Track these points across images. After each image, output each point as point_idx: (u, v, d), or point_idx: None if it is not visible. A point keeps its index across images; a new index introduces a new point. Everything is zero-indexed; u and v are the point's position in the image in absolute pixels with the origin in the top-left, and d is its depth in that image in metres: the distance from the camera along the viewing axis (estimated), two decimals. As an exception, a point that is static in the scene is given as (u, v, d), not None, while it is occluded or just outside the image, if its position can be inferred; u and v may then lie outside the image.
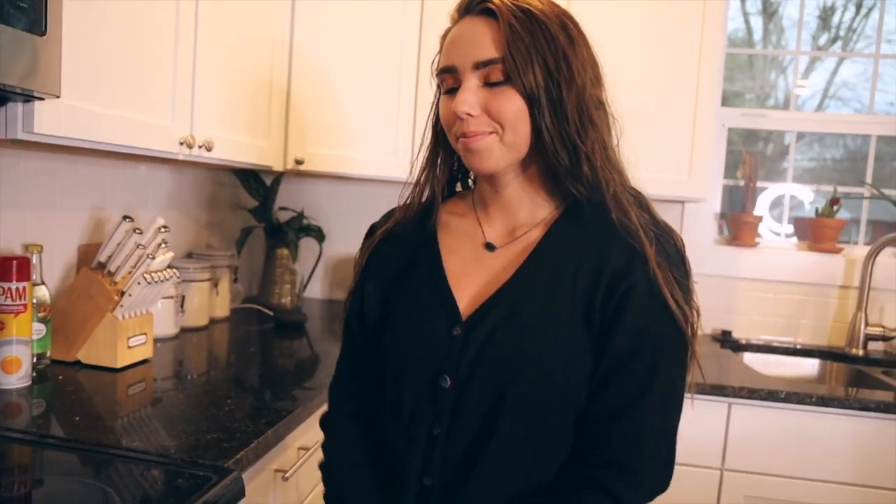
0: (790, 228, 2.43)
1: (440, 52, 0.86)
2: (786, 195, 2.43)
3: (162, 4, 1.31)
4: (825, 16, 2.41)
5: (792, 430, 1.66)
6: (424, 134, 0.95)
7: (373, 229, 1.01)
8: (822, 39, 2.45)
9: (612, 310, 0.79)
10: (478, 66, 0.79)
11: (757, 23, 2.49)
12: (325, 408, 1.03)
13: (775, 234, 2.44)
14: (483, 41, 0.79)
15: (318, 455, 1.35)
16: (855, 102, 2.46)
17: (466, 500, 0.82)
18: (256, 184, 2.22)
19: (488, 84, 0.79)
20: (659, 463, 0.81)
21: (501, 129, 0.80)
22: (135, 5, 1.22)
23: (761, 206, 2.41)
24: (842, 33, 2.45)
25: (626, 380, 0.79)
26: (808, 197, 2.42)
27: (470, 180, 0.98)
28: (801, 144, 2.50)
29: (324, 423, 1.00)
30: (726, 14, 1.98)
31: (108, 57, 1.16)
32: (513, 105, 0.79)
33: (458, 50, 0.81)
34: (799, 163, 2.45)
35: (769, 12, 2.48)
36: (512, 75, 0.78)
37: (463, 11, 0.83)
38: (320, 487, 1.42)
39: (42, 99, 0.99)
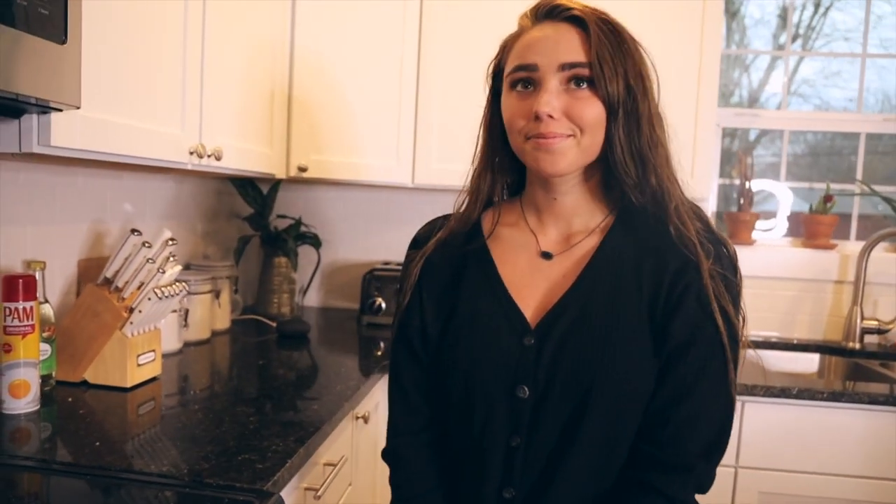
0: (784, 222, 2.47)
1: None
2: (777, 192, 2.46)
3: (170, 13, 1.26)
4: (785, 15, 2.46)
5: (804, 425, 1.68)
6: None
7: (417, 240, 0.99)
8: (782, 38, 2.49)
9: (671, 307, 0.81)
10: (563, 67, 0.79)
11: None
12: (343, 422, 1.00)
13: (765, 231, 2.47)
14: (571, 45, 0.79)
15: (345, 470, 1.33)
16: (815, 98, 2.52)
17: None
18: (253, 192, 2.17)
19: (573, 85, 0.79)
20: (707, 459, 0.82)
21: (581, 133, 0.80)
22: (143, 14, 1.17)
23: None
24: (801, 31, 2.50)
25: (681, 373, 0.81)
26: (786, 195, 2.46)
27: (505, 192, 0.96)
28: (765, 140, 2.55)
29: (388, 451, 0.97)
30: (723, 14, 1.99)
31: (120, 65, 1.12)
32: (594, 110, 0.79)
33: (541, 50, 0.80)
34: (763, 158, 2.50)
35: (731, 11, 2.52)
36: (597, 81, 0.78)
37: (542, 16, 0.83)
38: (344, 501, 1.40)
39: (59, 110, 0.94)
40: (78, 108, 0.94)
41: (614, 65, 0.78)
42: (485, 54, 0.92)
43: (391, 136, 1.99)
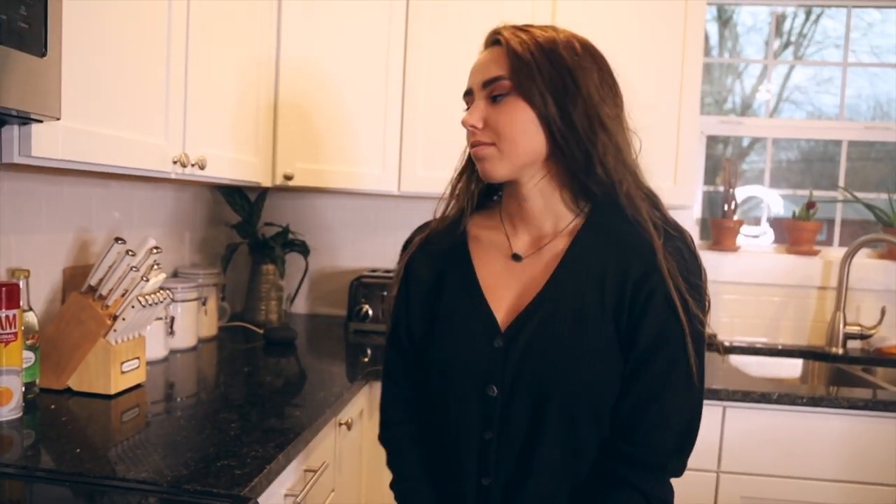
0: (768, 229, 2.50)
1: None
2: (764, 198, 2.49)
3: (154, 23, 1.28)
4: (777, 22, 2.49)
5: (785, 430, 1.70)
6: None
7: (407, 243, 1.07)
8: (776, 45, 2.53)
9: (636, 312, 0.86)
10: (485, 84, 0.89)
11: (713, 29, 2.56)
12: (325, 428, 1.02)
13: (751, 237, 2.50)
14: (490, 64, 0.89)
15: (328, 476, 1.34)
16: (807, 105, 2.55)
17: (528, 495, 0.88)
18: (241, 199, 2.19)
19: (493, 99, 0.88)
20: (679, 454, 0.88)
21: (499, 141, 0.88)
22: (126, 24, 1.19)
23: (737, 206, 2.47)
24: (793, 38, 2.54)
25: (649, 376, 0.86)
26: (775, 201, 2.49)
27: (496, 196, 1.03)
28: (758, 146, 2.58)
29: (382, 439, 1.07)
30: (704, 23, 2.02)
31: (102, 76, 1.13)
32: (513, 116, 0.87)
33: (473, 75, 0.92)
34: (756, 164, 2.53)
35: (724, 19, 2.55)
36: (517, 88, 0.86)
37: (483, 46, 0.94)
38: (327, 509, 1.41)
39: (40, 121, 0.96)
40: (58, 119, 0.96)
41: (530, 68, 0.85)
42: (468, 64, 0.95)
43: (377, 144, 2.01)
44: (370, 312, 2.15)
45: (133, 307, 1.35)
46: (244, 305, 2.26)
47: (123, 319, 1.35)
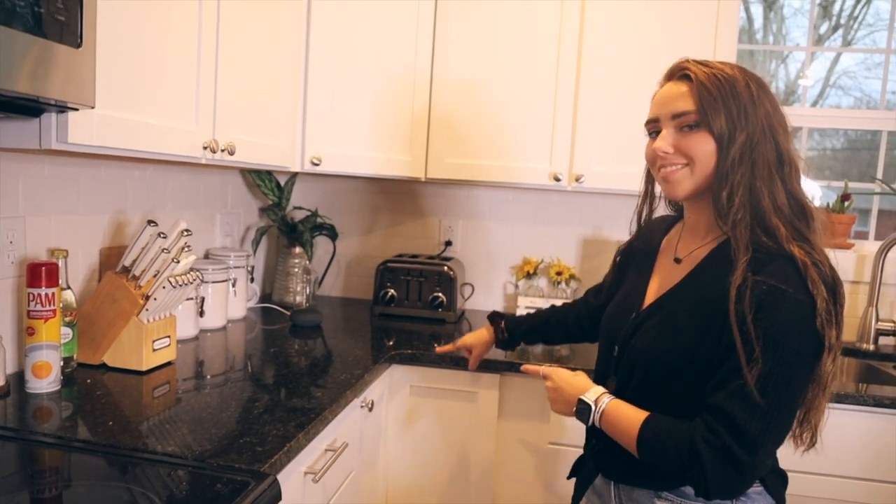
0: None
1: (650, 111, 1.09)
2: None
3: (185, 12, 1.31)
4: (826, 3, 2.41)
5: (807, 426, 1.68)
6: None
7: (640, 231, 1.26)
8: (823, 28, 2.45)
9: (727, 335, 0.93)
10: (674, 116, 1.02)
11: (757, 11, 2.49)
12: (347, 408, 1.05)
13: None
14: (680, 98, 1.01)
15: (345, 455, 1.38)
16: (855, 91, 2.47)
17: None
18: (271, 183, 2.23)
19: (683, 129, 1.01)
20: (752, 448, 0.91)
21: (692, 162, 1.01)
22: (158, 14, 1.23)
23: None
24: (843, 21, 2.45)
25: (728, 381, 0.93)
26: (816, 192, 2.43)
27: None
28: (805, 131, 2.51)
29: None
30: (738, 16, 1.98)
31: (135, 65, 1.17)
32: (702, 145, 0.99)
33: (660, 106, 1.04)
34: (800, 152, 2.46)
35: (769, 1, 2.48)
36: (703, 122, 0.98)
37: (668, 77, 1.07)
38: (346, 485, 1.45)
39: (76, 109, 1.00)
40: (93, 107, 1.00)
41: (716, 105, 0.97)
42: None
43: (404, 130, 2.03)
44: (395, 296, 2.18)
45: (164, 287, 1.41)
46: (273, 287, 2.31)
47: (155, 299, 1.40)
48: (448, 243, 2.42)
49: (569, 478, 1.25)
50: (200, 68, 1.37)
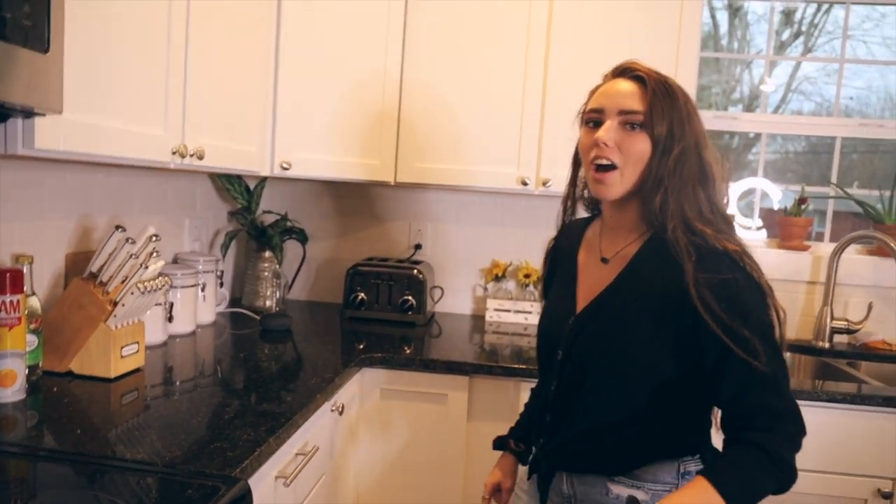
0: (759, 222, 2.52)
1: (588, 100, 1.12)
2: (757, 189, 2.51)
3: (154, 17, 1.31)
4: (788, 11, 2.50)
5: (766, 422, 1.74)
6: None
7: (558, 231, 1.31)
8: (785, 35, 2.53)
9: (689, 316, 0.99)
10: (622, 112, 1.05)
11: (723, 18, 2.57)
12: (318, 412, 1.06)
13: (745, 228, 2.52)
14: (631, 97, 1.05)
15: (315, 458, 1.39)
16: (816, 96, 2.55)
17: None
18: (240, 187, 2.22)
19: (626, 126, 1.05)
20: (792, 413, 0.97)
21: (623, 164, 1.05)
22: (127, 19, 1.22)
23: (731, 200, 2.48)
24: (804, 28, 2.54)
25: (731, 373, 0.97)
26: (776, 195, 2.51)
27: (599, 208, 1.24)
28: (765, 137, 2.59)
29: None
30: (700, 23, 2.04)
31: (103, 70, 1.17)
32: (640, 145, 1.04)
33: (609, 98, 1.07)
34: (762, 154, 2.54)
35: (734, 8, 2.56)
36: (647, 126, 1.03)
37: (617, 74, 1.10)
38: (317, 489, 1.46)
39: (43, 115, 0.99)
40: (60, 113, 0.99)
41: (663, 112, 1.03)
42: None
43: (374, 134, 2.04)
44: (365, 299, 2.19)
45: (132, 293, 1.40)
46: (242, 292, 2.30)
47: (123, 305, 1.39)
48: (418, 246, 2.44)
49: (528, 478, 1.25)
50: (170, 72, 1.37)
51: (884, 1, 2.41)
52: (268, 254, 2.25)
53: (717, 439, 1.09)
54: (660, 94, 1.03)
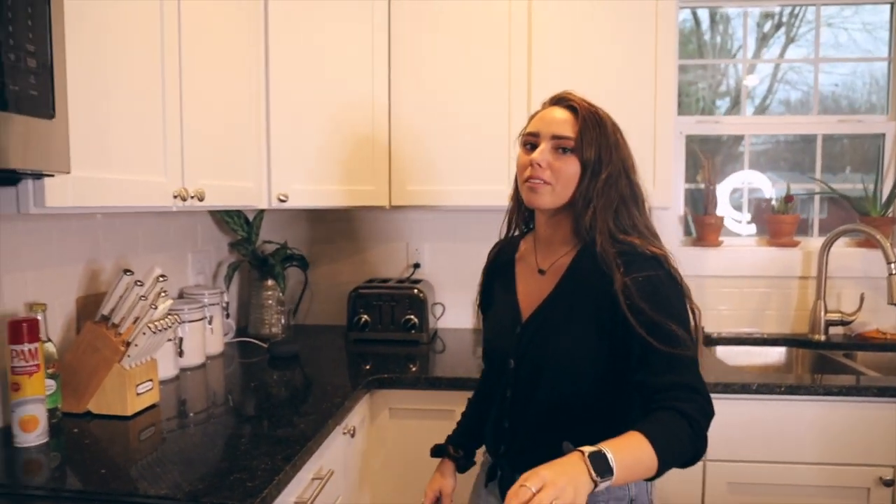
0: (749, 216, 2.56)
1: (528, 124, 1.24)
2: (744, 185, 2.55)
3: (148, 71, 1.37)
4: (766, 13, 2.55)
5: (765, 418, 1.79)
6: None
7: (492, 249, 1.44)
8: (767, 26, 2.58)
9: (620, 319, 1.10)
10: (555, 137, 1.17)
11: (704, 14, 2.61)
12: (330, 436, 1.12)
13: (736, 222, 2.56)
14: (564, 124, 1.18)
15: (331, 482, 1.44)
16: (802, 85, 2.59)
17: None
18: (239, 220, 2.28)
19: (558, 150, 1.17)
20: (706, 393, 1.08)
21: (556, 182, 1.17)
22: (125, 80, 1.28)
23: (722, 193, 2.53)
24: (784, 19, 2.58)
25: (654, 358, 1.08)
26: (766, 186, 2.55)
27: (532, 225, 1.35)
28: (748, 136, 2.63)
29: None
30: (676, 31, 2.10)
31: (105, 125, 1.22)
32: (570, 168, 1.17)
33: (544, 124, 1.19)
34: (753, 146, 2.58)
35: (712, 12, 2.61)
36: (578, 151, 1.16)
37: (554, 102, 1.23)
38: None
39: (52, 175, 1.05)
40: (68, 172, 1.05)
41: (592, 139, 1.15)
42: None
43: (366, 163, 2.10)
44: (368, 321, 2.24)
45: (144, 333, 1.45)
46: (248, 321, 2.35)
47: (136, 345, 1.44)
48: (416, 266, 2.49)
49: (486, 485, 1.32)
50: (166, 121, 1.42)
51: (853, 2, 2.47)
52: (270, 282, 2.31)
53: (745, 449, 1.13)
54: (590, 123, 1.16)
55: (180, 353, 1.82)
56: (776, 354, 2.37)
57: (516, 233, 1.37)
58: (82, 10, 1.13)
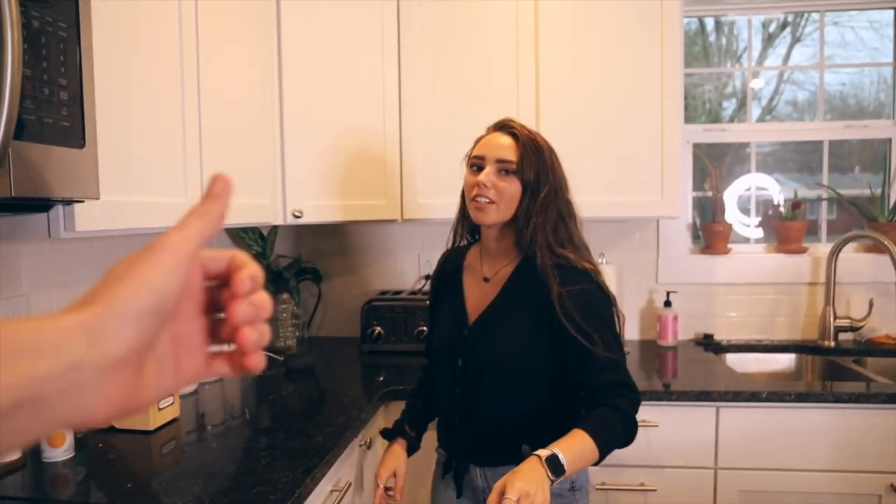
0: (757, 220, 2.58)
1: (473, 148, 1.40)
2: (752, 188, 2.57)
3: (169, 88, 1.42)
4: (766, 22, 2.57)
5: (776, 425, 1.81)
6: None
7: (442, 258, 1.56)
8: (772, 26, 2.59)
9: (556, 324, 1.28)
10: (499, 161, 1.33)
11: (709, 17, 2.63)
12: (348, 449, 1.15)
13: (744, 226, 2.58)
14: (507, 149, 1.34)
15: (349, 494, 1.47)
16: (809, 84, 2.60)
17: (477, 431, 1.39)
18: (254, 235, 2.32)
19: (502, 172, 1.33)
20: (634, 386, 1.30)
21: (499, 201, 1.33)
22: (148, 106, 1.33)
23: (730, 196, 2.56)
24: (790, 19, 2.60)
25: (590, 367, 1.28)
26: (774, 188, 2.56)
27: (477, 236, 1.50)
28: (754, 143, 2.65)
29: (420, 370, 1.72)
30: (682, 41, 2.13)
31: (130, 150, 1.27)
32: (512, 188, 1.33)
33: (490, 149, 1.35)
34: (761, 147, 2.59)
35: (717, 20, 2.63)
36: (519, 173, 1.32)
37: (497, 128, 1.39)
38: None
39: (82, 201, 1.09)
40: (98, 199, 1.09)
41: (531, 162, 1.32)
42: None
43: (378, 178, 2.14)
44: (382, 333, 2.28)
45: (166, 350, 1.49)
46: (263, 333, 2.39)
47: (158, 362, 1.48)
48: (427, 277, 2.53)
49: (443, 477, 1.46)
50: (186, 143, 1.47)
51: (857, 7, 2.49)
52: (285, 296, 2.35)
53: (755, 457, 1.16)
54: (529, 149, 1.32)
55: (199, 368, 1.86)
56: (786, 361, 2.38)
57: (462, 243, 1.50)
58: (108, 44, 1.18)
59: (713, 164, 2.52)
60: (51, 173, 0.97)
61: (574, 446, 1.17)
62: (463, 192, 1.43)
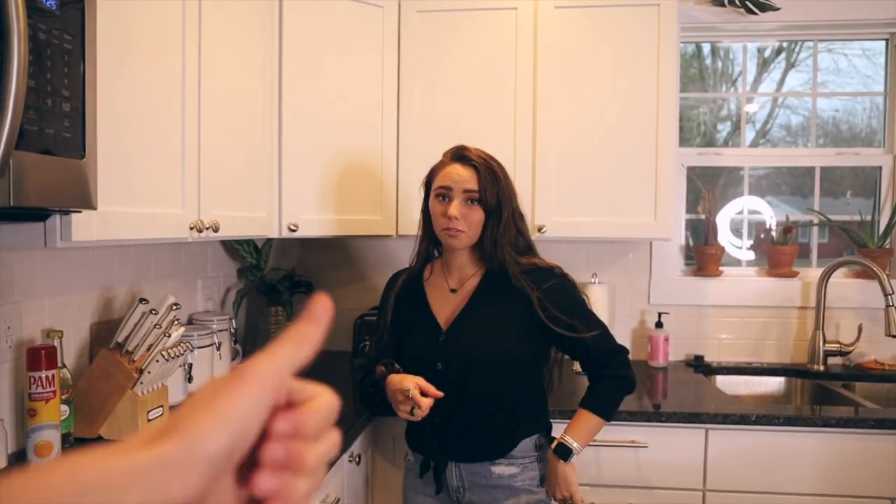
0: (749, 242, 2.61)
1: (430, 175, 1.57)
2: (744, 211, 2.60)
3: (169, 104, 1.43)
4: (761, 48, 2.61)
5: (765, 448, 1.81)
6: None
7: (395, 277, 1.69)
8: (767, 51, 2.63)
9: (537, 324, 1.48)
10: (465, 191, 1.49)
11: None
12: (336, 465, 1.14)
13: (736, 248, 2.60)
14: (470, 180, 1.50)
15: (338, 511, 1.45)
16: (803, 109, 2.64)
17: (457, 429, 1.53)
18: (249, 247, 2.32)
19: (467, 202, 1.49)
20: (621, 348, 1.56)
21: (468, 229, 1.50)
22: (147, 120, 1.34)
23: (723, 218, 2.59)
24: (785, 45, 2.64)
25: (580, 345, 1.52)
26: (767, 212, 2.59)
27: (436, 252, 1.66)
28: (763, 144, 2.68)
29: (358, 367, 1.77)
30: (678, 68, 2.16)
31: (128, 162, 1.28)
32: (477, 216, 1.50)
33: (454, 182, 1.50)
34: (754, 171, 2.62)
35: (713, 47, 2.67)
36: (482, 200, 1.49)
37: (455, 158, 1.54)
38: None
39: (79, 212, 1.10)
40: (95, 209, 1.10)
41: (492, 189, 1.49)
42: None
43: (375, 194, 2.15)
44: (374, 348, 2.28)
45: (157, 361, 1.49)
46: (255, 346, 2.38)
47: (149, 373, 1.48)
48: (422, 292, 2.53)
49: (421, 476, 1.56)
50: (185, 156, 1.48)
51: (850, 38, 2.54)
52: (278, 308, 2.34)
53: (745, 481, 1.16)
54: (489, 177, 1.48)
55: (189, 379, 1.85)
56: (775, 384, 2.39)
57: (427, 260, 1.65)
58: (109, 56, 1.19)
59: (706, 188, 2.54)
60: (50, 183, 0.98)
61: (579, 427, 1.50)
62: (425, 214, 1.59)
